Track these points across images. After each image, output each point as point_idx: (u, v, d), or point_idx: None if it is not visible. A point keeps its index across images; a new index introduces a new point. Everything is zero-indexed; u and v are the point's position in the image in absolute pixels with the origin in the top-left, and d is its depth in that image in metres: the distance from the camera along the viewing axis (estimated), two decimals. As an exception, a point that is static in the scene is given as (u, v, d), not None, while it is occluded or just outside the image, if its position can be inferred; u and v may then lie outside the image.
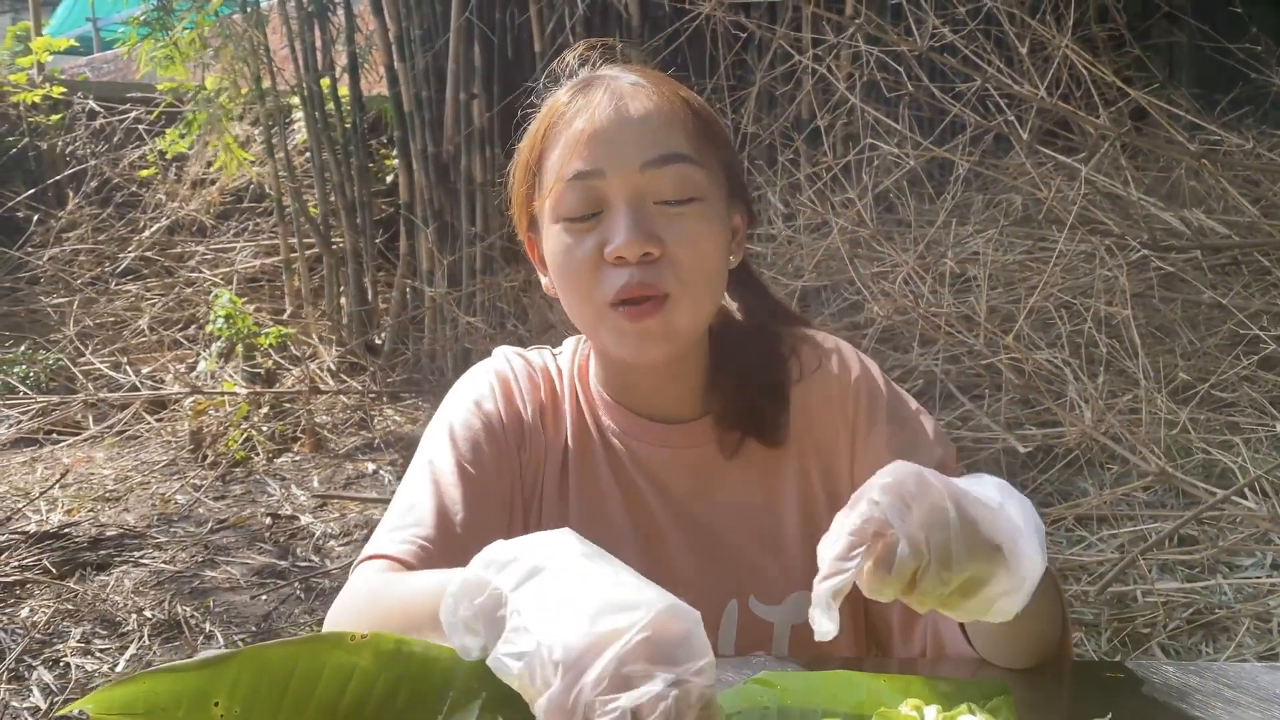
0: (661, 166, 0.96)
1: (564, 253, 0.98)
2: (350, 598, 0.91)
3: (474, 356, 4.95)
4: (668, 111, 0.98)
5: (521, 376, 1.09)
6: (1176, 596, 2.53)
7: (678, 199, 0.97)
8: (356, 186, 5.10)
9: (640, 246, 0.94)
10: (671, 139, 0.97)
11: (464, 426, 1.04)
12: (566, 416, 1.09)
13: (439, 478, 1.00)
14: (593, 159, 0.96)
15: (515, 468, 1.05)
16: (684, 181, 0.97)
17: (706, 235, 0.98)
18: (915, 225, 3.40)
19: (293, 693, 0.68)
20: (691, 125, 0.99)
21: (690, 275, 0.96)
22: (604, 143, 0.96)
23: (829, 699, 0.76)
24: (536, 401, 1.08)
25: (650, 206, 0.96)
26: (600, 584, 0.65)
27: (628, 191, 0.96)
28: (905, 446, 1.02)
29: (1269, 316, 3.20)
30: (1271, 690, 0.90)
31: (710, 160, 1.00)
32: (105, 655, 2.52)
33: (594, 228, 0.97)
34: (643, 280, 0.95)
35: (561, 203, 0.98)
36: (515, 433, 1.06)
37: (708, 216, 0.99)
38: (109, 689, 0.68)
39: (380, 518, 3.35)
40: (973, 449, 2.96)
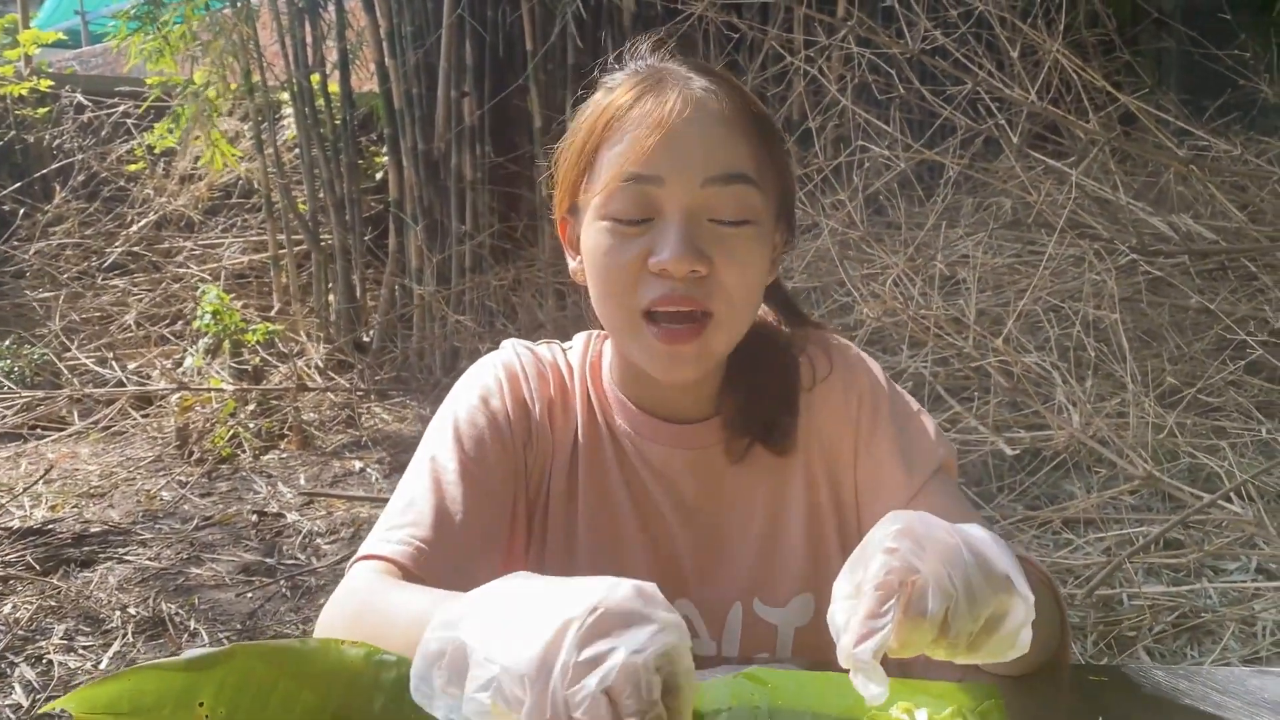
0: (724, 185, 0.94)
1: (606, 253, 0.96)
2: (341, 602, 0.88)
3: (463, 355, 4.94)
4: (737, 126, 0.96)
5: (530, 372, 1.07)
6: (1162, 600, 2.53)
7: (733, 220, 0.94)
8: (346, 183, 5.08)
9: (689, 264, 0.92)
10: (737, 157, 0.95)
11: (469, 423, 1.02)
12: (577, 414, 1.07)
13: (440, 475, 0.98)
14: (654, 165, 0.93)
15: (520, 467, 1.03)
16: (742, 203, 0.94)
17: (755, 259, 0.96)
18: (905, 227, 3.40)
19: (279, 695, 0.68)
20: (758, 143, 0.97)
21: (735, 297, 0.95)
22: (668, 150, 0.93)
23: (819, 700, 0.76)
24: (545, 398, 1.06)
25: (704, 223, 0.94)
26: (545, 593, 0.64)
27: (684, 205, 0.93)
28: (906, 448, 1.02)
29: (1255, 322, 3.22)
30: (1260, 695, 0.90)
31: (769, 182, 0.98)
32: (88, 653, 2.50)
33: (643, 233, 0.94)
34: (687, 294, 0.93)
35: (612, 201, 0.95)
36: (522, 430, 1.04)
37: (758, 239, 0.97)
38: (92, 687, 0.67)
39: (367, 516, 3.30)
40: (961, 451, 2.96)
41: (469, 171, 4.82)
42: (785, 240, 1.07)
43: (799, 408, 1.05)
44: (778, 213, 1.02)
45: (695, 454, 1.05)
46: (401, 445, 4.06)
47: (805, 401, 1.06)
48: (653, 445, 1.05)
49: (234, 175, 5.88)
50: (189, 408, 4.20)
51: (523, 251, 4.73)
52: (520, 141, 4.87)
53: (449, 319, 4.66)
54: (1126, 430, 2.70)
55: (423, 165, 4.85)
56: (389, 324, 4.98)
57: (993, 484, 2.93)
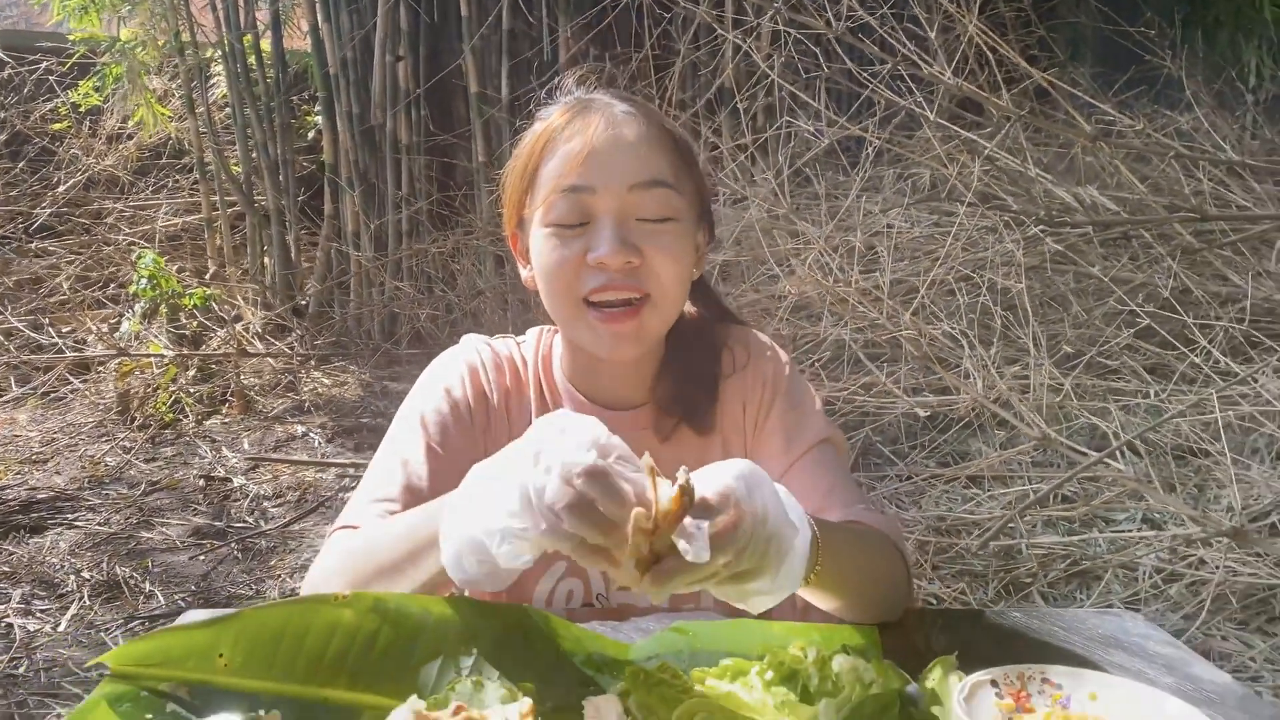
0: (647, 189, 1.10)
1: (550, 253, 1.11)
2: (328, 561, 1.03)
3: (401, 321, 5.02)
4: (655, 140, 1.12)
5: (489, 365, 1.22)
6: (1056, 549, 2.77)
7: (657, 218, 1.10)
8: (279, 145, 5.08)
9: (623, 257, 1.08)
10: (657, 166, 1.11)
11: (434, 411, 1.16)
12: (530, 402, 1.22)
13: (408, 457, 1.13)
14: (585, 176, 1.09)
15: (480, 449, 1.17)
16: (664, 204, 1.11)
17: (680, 250, 1.12)
18: (828, 199, 3.57)
19: (286, 645, 0.82)
20: (673, 155, 1.13)
21: (665, 282, 1.11)
22: (597, 162, 1.09)
23: (732, 643, 0.92)
24: (502, 387, 1.21)
25: (633, 222, 1.10)
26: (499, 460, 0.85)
27: (614, 208, 1.09)
28: (791, 426, 1.19)
29: (1149, 290, 3.46)
30: (1095, 631, 1.09)
31: (686, 186, 1.14)
32: (46, 615, 2.59)
33: (580, 235, 1.10)
34: (624, 282, 1.09)
35: (553, 210, 1.10)
36: (481, 416, 1.19)
37: (681, 235, 1.13)
38: (127, 646, 0.80)
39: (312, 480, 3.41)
40: (877, 413, 3.17)
41: (405, 136, 4.86)
42: (707, 239, 1.23)
43: (719, 394, 1.21)
44: (698, 215, 1.19)
45: (632, 435, 1.20)
46: (343, 410, 4.15)
47: (724, 388, 1.22)
48: None
49: (164, 135, 5.82)
50: (128, 373, 4.23)
51: (461, 218, 4.80)
52: (456, 106, 4.92)
53: (387, 285, 4.72)
54: (1029, 393, 2.92)
55: (358, 130, 4.88)
56: (326, 290, 5.03)
57: (905, 443, 3.14)
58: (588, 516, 0.77)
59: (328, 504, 3.31)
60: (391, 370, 4.53)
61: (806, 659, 0.85)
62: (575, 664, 0.88)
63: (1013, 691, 0.88)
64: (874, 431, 3.20)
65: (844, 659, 0.86)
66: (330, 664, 0.82)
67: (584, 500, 0.77)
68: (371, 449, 3.95)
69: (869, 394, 3.01)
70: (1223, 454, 2.66)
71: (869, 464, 3.22)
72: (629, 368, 1.19)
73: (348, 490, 3.43)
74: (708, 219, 1.22)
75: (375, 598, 0.86)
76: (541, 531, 0.78)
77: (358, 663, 0.82)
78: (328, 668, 0.81)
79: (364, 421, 4.03)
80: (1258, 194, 4.09)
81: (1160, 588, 2.61)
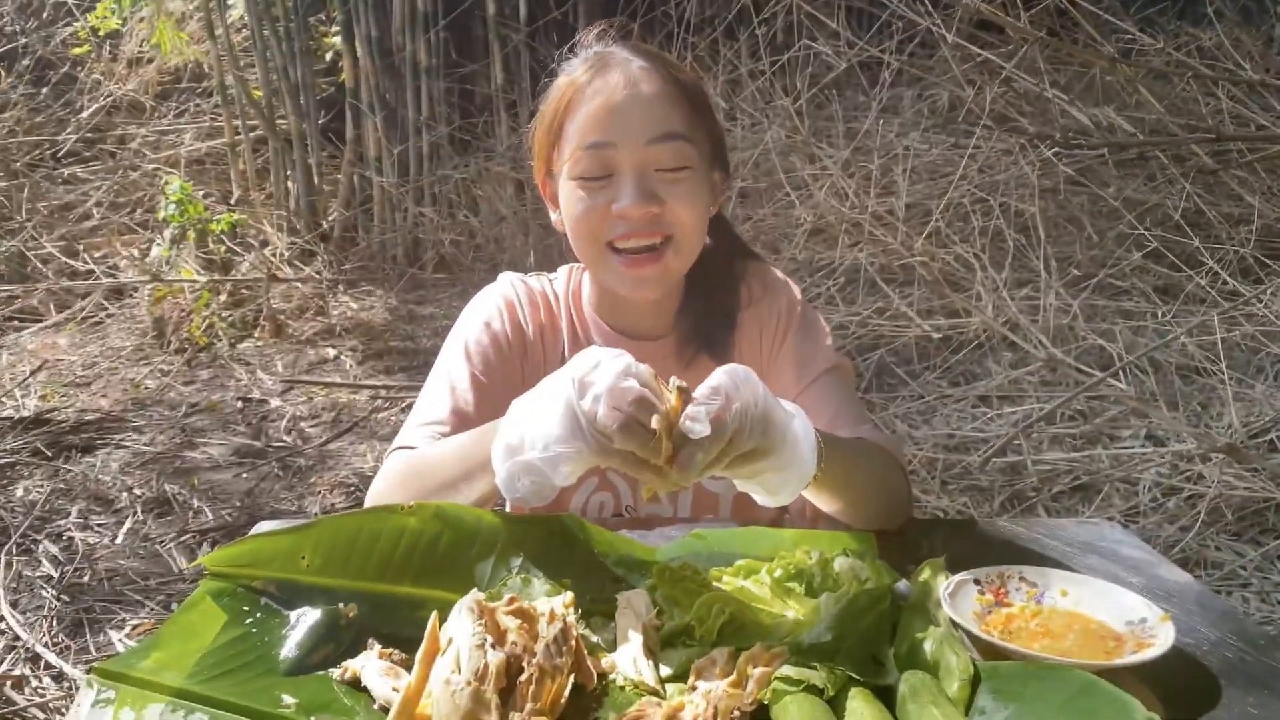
0: (664, 142, 1.19)
1: (578, 203, 1.21)
2: (388, 476, 1.15)
3: (425, 247, 5.09)
4: (670, 95, 1.20)
5: (524, 299, 1.33)
6: (1061, 465, 2.89)
7: (674, 167, 1.20)
8: (299, 67, 5.10)
9: (644, 208, 1.18)
10: (672, 119, 1.20)
11: (476, 343, 1.28)
12: (563, 334, 1.34)
13: (455, 384, 1.25)
14: (607, 132, 1.18)
15: (519, 376, 1.29)
16: (680, 155, 1.20)
17: (696, 197, 1.22)
18: (846, 121, 3.61)
19: (359, 548, 0.94)
20: (688, 106, 1.22)
21: (685, 224, 1.21)
22: (617, 120, 1.18)
23: (745, 547, 1.04)
24: (537, 321, 1.33)
25: (652, 173, 1.19)
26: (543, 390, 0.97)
27: (635, 161, 1.19)
28: (802, 355, 1.30)
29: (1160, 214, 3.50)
30: (1075, 538, 1.21)
31: (700, 135, 1.23)
32: (104, 529, 2.76)
33: (605, 187, 1.20)
34: (648, 228, 1.19)
35: (578, 165, 1.20)
36: (519, 347, 1.31)
37: (697, 182, 1.22)
38: (222, 550, 0.93)
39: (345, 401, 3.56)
40: (892, 335, 3.26)
41: (425, 60, 4.88)
42: (723, 179, 1.33)
43: (736, 324, 1.32)
44: (712, 159, 1.28)
45: (655, 364, 1.31)
46: (372, 334, 4.28)
47: (741, 319, 1.32)
48: None
49: (184, 59, 5.85)
50: (162, 298, 4.36)
51: (481, 144, 4.85)
52: (475, 30, 4.93)
53: (410, 211, 4.80)
54: (1038, 315, 3.01)
55: (377, 53, 4.90)
56: (350, 214, 5.11)
57: (918, 365, 3.24)
58: (637, 435, 0.89)
59: (362, 424, 3.46)
60: (418, 295, 4.64)
61: (811, 560, 0.97)
62: (608, 565, 1.00)
63: (993, 588, 0.99)
64: (888, 353, 3.29)
65: (844, 560, 0.97)
66: (398, 564, 0.94)
67: (633, 421, 0.89)
68: (401, 370, 4.09)
69: (883, 317, 3.10)
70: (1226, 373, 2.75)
71: (883, 384, 3.33)
72: (652, 304, 1.29)
73: (380, 411, 3.58)
74: (722, 161, 1.31)
75: (436, 506, 0.98)
76: (593, 450, 0.90)
77: (422, 563, 0.95)
78: (396, 567, 0.94)
79: (393, 345, 4.16)
80: (1278, 112, 4.09)
81: (1159, 501, 2.73)
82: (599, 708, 0.82)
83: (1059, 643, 0.92)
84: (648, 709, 0.80)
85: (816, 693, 0.80)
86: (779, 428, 0.96)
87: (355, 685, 0.84)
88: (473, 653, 0.77)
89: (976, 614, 0.95)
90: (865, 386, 3.27)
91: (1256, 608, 2.34)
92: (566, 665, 0.81)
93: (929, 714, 0.76)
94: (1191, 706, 0.86)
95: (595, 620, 0.93)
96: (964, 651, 0.85)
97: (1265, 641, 0.97)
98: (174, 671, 0.81)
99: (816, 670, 0.81)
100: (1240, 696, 0.88)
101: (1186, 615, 1.02)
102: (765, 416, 0.94)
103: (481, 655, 0.77)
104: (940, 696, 0.79)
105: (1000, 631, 0.93)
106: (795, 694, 0.79)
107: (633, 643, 0.88)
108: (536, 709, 0.75)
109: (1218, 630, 0.99)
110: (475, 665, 0.76)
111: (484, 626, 0.81)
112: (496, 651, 0.78)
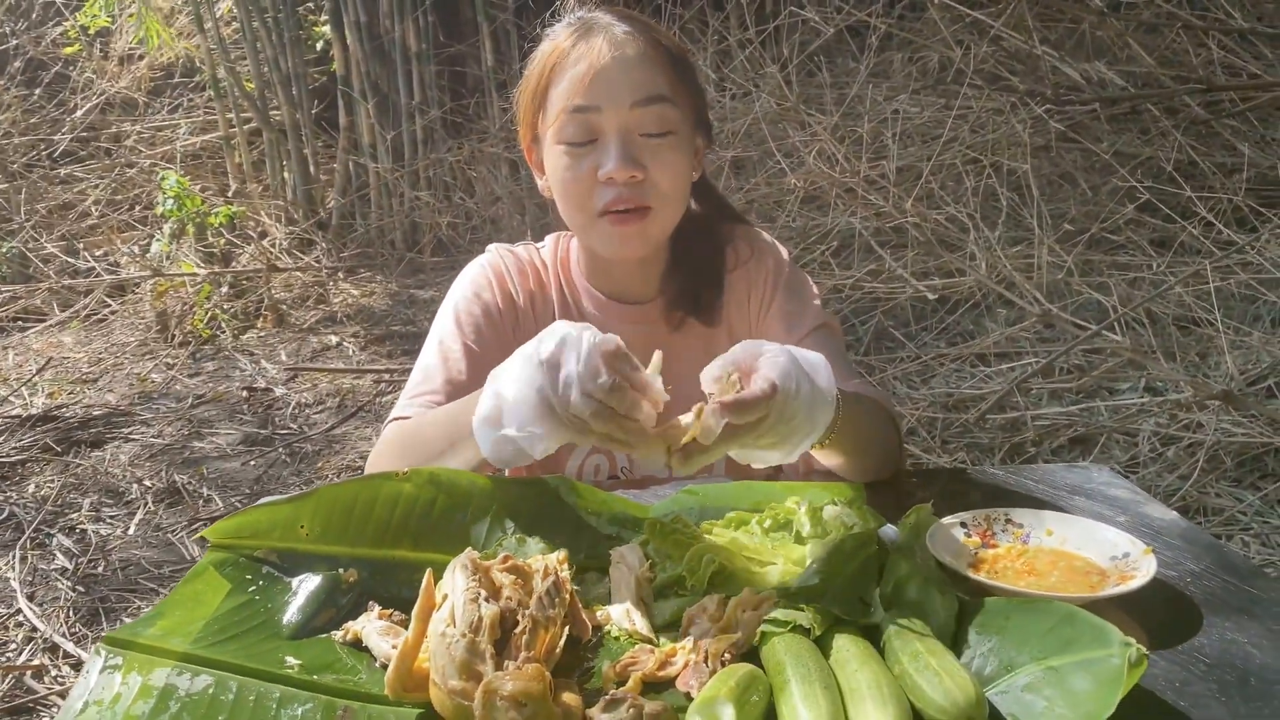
0: (647, 106, 1.20)
1: (564, 169, 1.22)
2: (384, 446, 1.18)
3: (422, 230, 5.11)
4: (653, 58, 1.22)
5: (513, 269, 1.35)
6: (1060, 419, 2.90)
7: (658, 132, 1.21)
8: (290, 58, 5.10)
9: (628, 171, 1.19)
10: (655, 83, 1.21)
11: (467, 314, 1.30)
12: (553, 301, 1.36)
13: (448, 354, 1.27)
14: (591, 96, 1.19)
15: (510, 344, 1.30)
16: (663, 118, 1.21)
17: (678, 162, 1.24)
18: (836, 87, 3.61)
19: (356, 515, 0.96)
20: (671, 70, 1.23)
21: (666, 193, 1.23)
22: (601, 84, 1.19)
23: (736, 500, 1.06)
24: (527, 290, 1.35)
25: (636, 138, 1.21)
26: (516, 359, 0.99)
27: (619, 125, 1.20)
28: (792, 312, 1.31)
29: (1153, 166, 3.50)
30: (1064, 482, 1.22)
31: (683, 98, 1.25)
32: (116, 521, 2.79)
33: (590, 152, 1.21)
34: (630, 195, 1.21)
35: (563, 130, 1.21)
36: (510, 315, 1.33)
37: (679, 146, 1.24)
38: (224, 522, 0.95)
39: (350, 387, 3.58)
40: (888, 296, 3.27)
41: (414, 44, 4.88)
42: (705, 142, 1.34)
43: (723, 287, 1.33)
44: (695, 123, 1.29)
45: (645, 327, 1.34)
46: (374, 319, 4.30)
47: (729, 282, 1.34)
48: (611, 321, 1.34)
49: (175, 54, 5.85)
50: (164, 293, 4.38)
51: (474, 125, 4.85)
52: (463, 11, 4.93)
53: (407, 195, 4.81)
54: (1033, 271, 3.02)
55: (368, 40, 4.90)
56: (347, 202, 5.12)
57: (915, 325, 3.25)
58: (611, 420, 0.91)
59: (367, 408, 3.49)
60: (417, 278, 4.66)
61: (799, 510, 0.99)
62: (602, 523, 1.02)
63: (979, 531, 1.01)
64: (885, 315, 3.31)
65: (832, 509, 1.00)
66: (395, 529, 0.97)
67: (605, 409, 0.91)
68: (404, 354, 4.11)
69: (878, 279, 3.11)
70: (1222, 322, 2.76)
71: (881, 347, 3.34)
72: (638, 266, 1.31)
73: (385, 395, 3.60)
74: (704, 125, 1.33)
75: (431, 472, 1.00)
76: (569, 432, 0.93)
77: (419, 527, 0.97)
78: (394, 532, 0.96)
79: (395, 329, 4.18)
80: (1269, 60, 4.07)
81: (1159, 451, 2.75)
82: (594, 658, 0.85)
83: (1044, 579, 0.94)
84: (640, 656, 0.83)
85: (804, 633, 0.82)
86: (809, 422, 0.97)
87: (357, 645, 0.87)
88: (467, 606, 0.79)
89: (964, 555, 0.97)
90: (864, 349, 3.28)
91: (1257, 551, 2.36)
92: (560, 616, 0.83)
93: (911, 648, 0.78)
94: (1174, 634, 0.88)
95: (590, 575, 0.96)
96: (949, 589, 0.87)
97: (1247, 570, 0.99)
98: (179, 638, 0.83)
99: (804, 611, 0.83)
100: (1220, 623, 0.90)
101: (1171, 550, 1.04)
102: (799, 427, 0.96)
103: (476, 608, 0.79)
104: (925, 632, 0.81)
105: (987, 572, 0.95)
106: (783, 634, 0.81)
107: (626, 595, 0.90)
108: (530, 657, 0.77)
109: (1201, 563, 1.01)
110: (470, 618, 0.79)
111: (478, 582, 0.83)
112: (491, 604, 0.80)
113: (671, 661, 0.82)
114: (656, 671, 0.81)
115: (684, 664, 0.81)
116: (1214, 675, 0.82)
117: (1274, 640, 0.87)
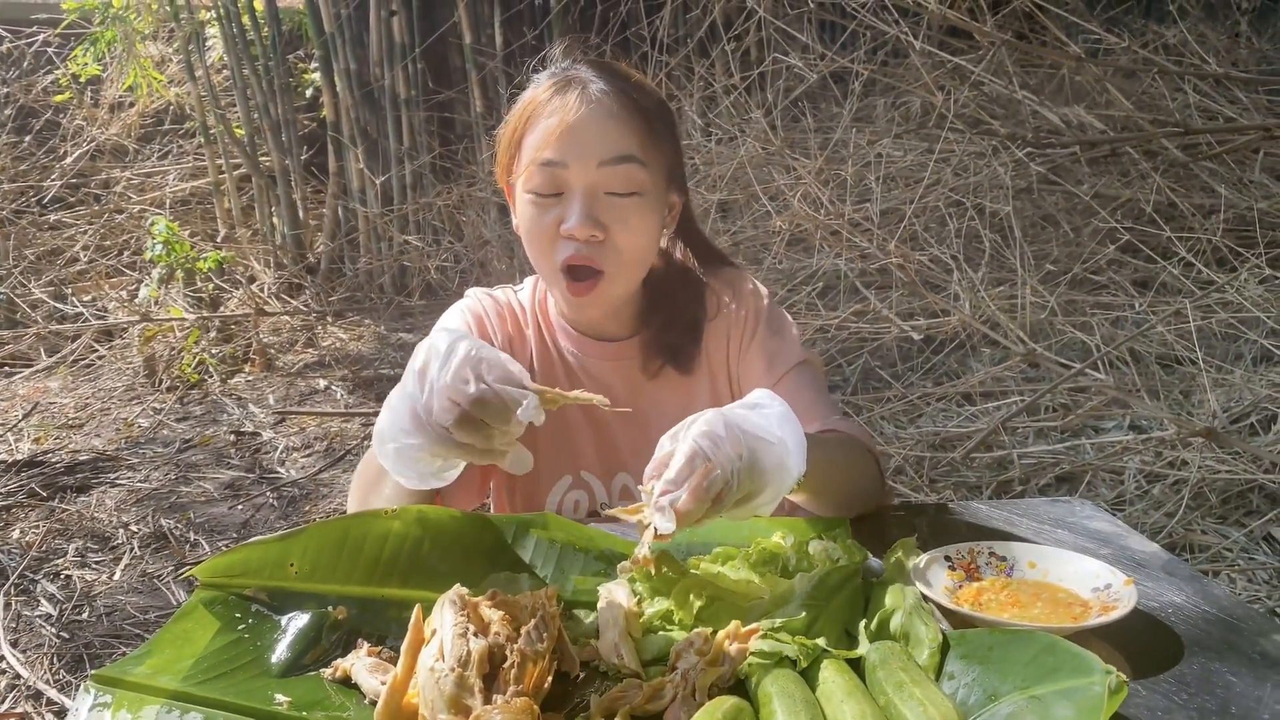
0: (615, 165, 1.21)
1: (530, 219, 1.24)
2: (355, 478, 1.20)
3: (411, 274, 5.14)
4: (625, 118, 1.22)
5: (491, 313, 1.37)
6: (1046, 457, 2.92)
7: (624, 192, 1.22)
8: (280, 105, 5.16)
9: (589, 230, 1.20)
10: (625, 143, 1.21)
11: None
12: (530, 342, 1.37)
13: None
14: (560, 151, 1.20)
15: None
16: (630, 179, 1.22)
17: (643, 224, 1.24)
18: (820, 132, 3.67)
19: (346, 553, 0.97)
20: (644, 130, 1.23)
21: (625, 257, 1.24)
22: (570, 140, 1.20)
23: (722, 534, 1.07)
24: (505, 332, 1.36)
25: (601, 196, 1.21)
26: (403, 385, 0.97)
27: (585, 182, 1.21)
28: (772, 352, 1.32)
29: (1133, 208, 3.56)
30: (1046, 516, 1.24)
31: (655, 158, 1.25)
32: (101, 567, 2.77)
33: (555, 205, 1.22)
34: (588, 255, 1.22)
35: (532, 180, 1.23)
36: None
37: (646, 208, 1.24)
38: (213, 560, 0.96)
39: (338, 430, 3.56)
40: (873, 337, 3.30)
41: (403, 90, 4.94)
42: (680, 199, 1.35)
43: (703, 335, 1.35)
44: (668, 182, 1.30)
45: (622, 364, 1.35)
46: (361, 363, 4.31)
47: (709, 330, 1.35)
48: (589, 359, 1.36)
49: (165, 101, 5.90)
50: (152, 338, 4.38)
51: (463, 170, 4.90)
52: (452, 59, 5.00)
53: (395, 239, 4.84)
54: (1017, 311, 3.05)
55: (357, 87, 4.96)
56: (336, 246, 5.15)
57: (900, 365, 3.28)
58: (477, 429, 0.91)
59: (354, 452, 3.48)
60: (405, 322, 4.67)
61: (786, 544, 1.00)
62: (590, 558, 1.03)
63: (964, 564, 1.03)
64: (871, 355, 3.33)
65: (818, 543, 1.01)
66: (384, 566, 0.97)
67: (469, 418, 0.91)
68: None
69: (864, 320, 3.14)
70: (1204, 360, 2.80)
71: (867, 387, 3.37)
72: (610, 308, 1.31)
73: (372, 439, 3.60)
74: (679, 183, 1.33)
75: (418, 510, 1.01)
76: (435, 443, 0.92)
77: (407, 564, 0.98)
78: (383, 569, 0.97)
79: (383, 372, 4.18)
80: (1244, 104, 4.16)
81: (1145, 488, 2.77)
82: (583, 693, 0.85)
83: (1027, 611, 0.95)
84: (628, 690, 0.83)
85: (790, 665, 0.82)
86: (770, 466, 0.94)
87: (346, 683, 0.87)
88: (456, 641, 0.80)
89: (948, 589, 0.98)
90: (851, 389, 3.30)
91: (1243, 587, 2.37)
92: (548, 651, 0.84)
93: (896, 679, 0.79)
94: (1156, 664, 0.89)
95: (579, 612, 0.96)
96: (933, 622, 0.88)
97: (1229, 602, 1.00)
98: (169, 675, 0.83)
99: (790, 644, 0.84)
100: (1201, 652, 0.91)
101: (1154, 582, 1.05)
102: (752, 465, 0.93)
103: (464, 643, 0.80)
104: (909, 663, 0.82)
105: (971, 604, 0.96)
106: (769, 666, 0.82)
107: (614, 629, 0.91)
108: (519, 691, 0.78)
109: (1183, 594, 1.02)
110: (459, 653, 0.79)
111: (466, 617, 0.83)
112: (479, 639, 0.81)
113: (659, 695, 0.82)
114: (644, 705, 0.81)
115: (671, 697, 0.82)
116: (1195, 704, 0.83)
117: (1254, 669, 0.88)
